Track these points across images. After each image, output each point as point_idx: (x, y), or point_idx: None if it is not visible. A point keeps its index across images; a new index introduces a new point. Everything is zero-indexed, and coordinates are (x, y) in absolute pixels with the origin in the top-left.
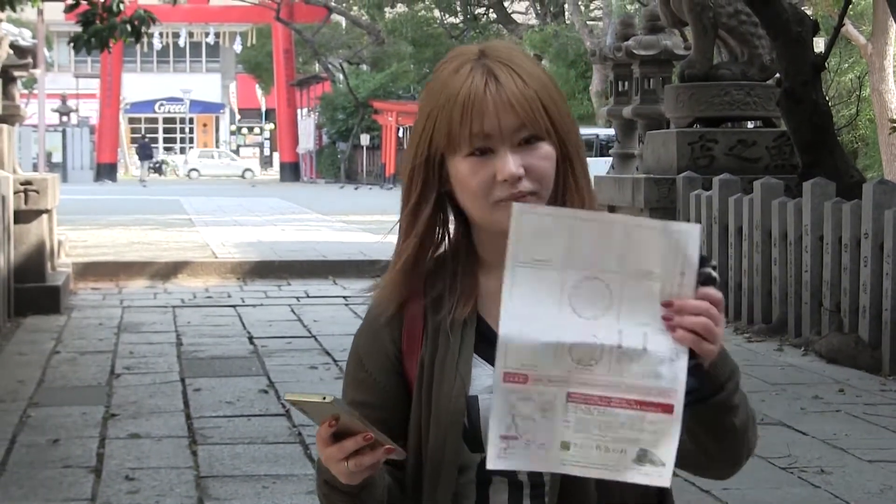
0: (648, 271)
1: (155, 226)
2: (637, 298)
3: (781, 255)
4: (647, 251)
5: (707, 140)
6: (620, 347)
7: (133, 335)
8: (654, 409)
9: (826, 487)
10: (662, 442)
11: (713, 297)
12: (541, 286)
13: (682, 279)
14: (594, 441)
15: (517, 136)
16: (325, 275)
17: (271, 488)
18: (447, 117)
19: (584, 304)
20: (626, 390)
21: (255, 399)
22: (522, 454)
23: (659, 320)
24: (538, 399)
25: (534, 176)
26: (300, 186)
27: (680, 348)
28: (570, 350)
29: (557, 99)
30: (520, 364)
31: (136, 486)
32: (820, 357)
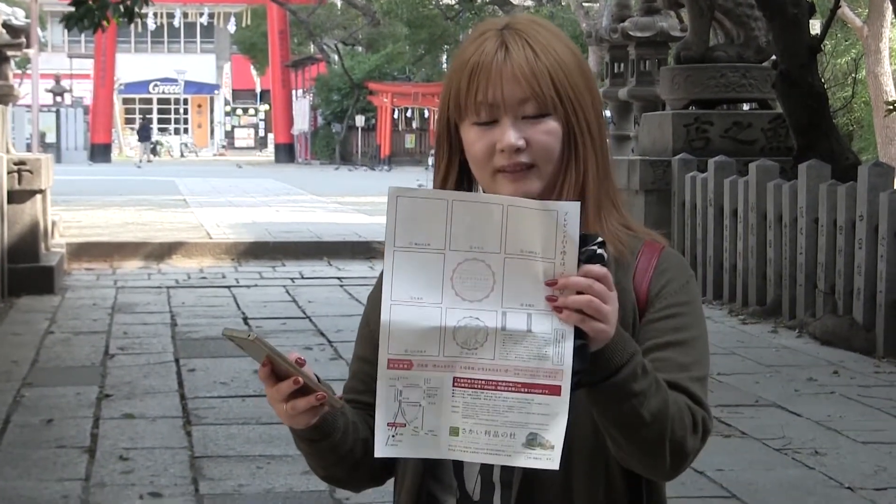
0: (530, 251)
1: (149, 206)
2: (519, 278)
3: (776, 237)
4: (527, 231)
5: (703, 122)
6: (504, 329)
7: (127, 316)
8: (541, 392)
9: (820, 469)
10: (551, 424)
11: (596, 273)
12: (422, 270)
13: (563, 258)
14: (483, 426)
15: (522, 108)
16: (319, 256)
17: (265, 468)
18: (456, 85)
19: (467, 286)
20: (513, 373)
21: (249, 380)
22: (410, 441)
23: (542, 301)
24: (424, 385)
25: (534, 150)
26: (295, 168)
27: (566, 328)
28: (455, 334)
29: (574, 76)
30: (403, 350)
31: (130, 467)
32: (814, 339)
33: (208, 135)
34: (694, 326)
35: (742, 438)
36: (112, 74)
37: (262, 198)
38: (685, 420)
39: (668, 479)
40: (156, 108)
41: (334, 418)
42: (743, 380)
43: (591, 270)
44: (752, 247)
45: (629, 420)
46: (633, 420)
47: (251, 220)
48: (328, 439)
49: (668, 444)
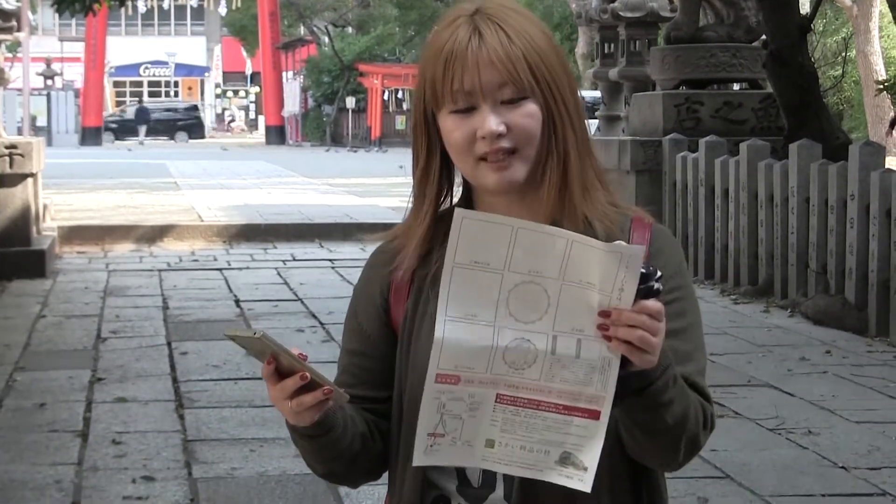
0: (588, 282)
1: (141, 189)
2: (574, 305)
3: (768, 216)
4: (588, 265)
5: (693, 102)
6: (554, 353)
7: (119, 299)
8: (580, 415)
9: (814, 448)
10: (586, 447)
11: (650, 309)
12: (479, 288)
13: (620, 294)
14: (519, 441)
15: (500, 93)
16: (311, 238)
17: (258, 451)
18: (431, 73)
19: (522, 307)
20: (556, 395)
21: (241, 363)
22: (447, 451)
23: (593, 327)
24: (468, 399)
25: (515, 134)
26: (286, 149)
27: (613, 357)
28: (504, 354)
29: (549, 57)
30: (454, 366)
31: (123, 450)
32: (806, 318)
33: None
34: (691, 311)
35: (735, 419)
36: (103, 57)
37: (253, 180)
38: (699, 418)
39: (675, 469)
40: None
41: (334, 413)
42: (735, 360)
43: (646, 307)
44: (744, 226)
45: (653, 425)
46: (657, 425)
47: (242, 202)
48: (329, 434)
49: (685, 442)
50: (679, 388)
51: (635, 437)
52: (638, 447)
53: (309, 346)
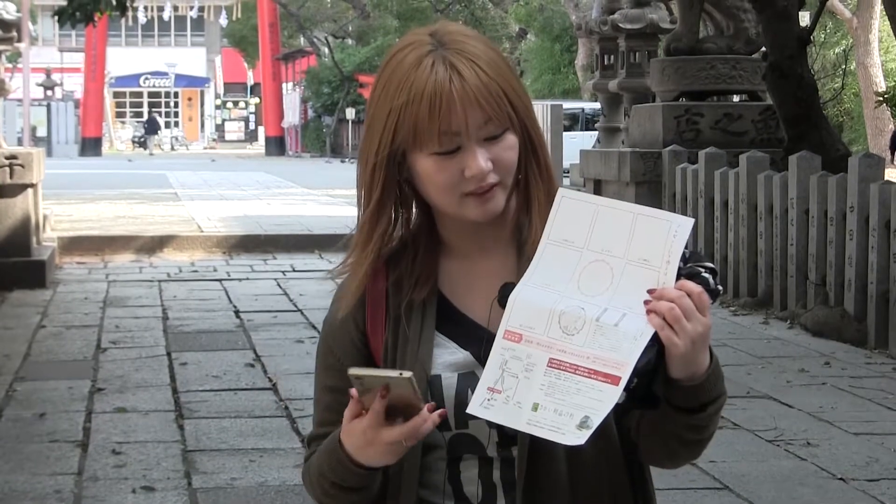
0: (645, 259)
1: (141, 200)
2: (631, 284)
3: (767, 228)
4: (647, 239)
5: (693, 114)
6: (598, 321)
7: (119, 309)
8: (603, 379)
9: (812, 460)
10: (601, 409)
11: (689, 288)
12: (562, 264)
13: (666, 267)
14: (554, 404)
15: (483, 130)
16: (310, 249)
17: (258, 462)
18: (413, 114)
19: (588, 283)
20: (592, 360)
21: (241, 373)
22: (500, 408)
23: (640, 306)
24: (525, 360)
25: (500, 167)
26: (285, 161)
27: (647, 329)
28: (560, 317)
29: (516, 84)
30: (519, 323)
31: (123, 461)
32: (805, 330)
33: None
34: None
35: (734, 430)
36: (102, 68)
37: (252, 191)
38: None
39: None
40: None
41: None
42: (734, 371)
43: (685, 285)
44: (743, 238)
45: (690, 440)
46: (693, 440)
47: (242, 213)
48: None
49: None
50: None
51: (668, 445)
52: (665, 452)
53: (308, 358)
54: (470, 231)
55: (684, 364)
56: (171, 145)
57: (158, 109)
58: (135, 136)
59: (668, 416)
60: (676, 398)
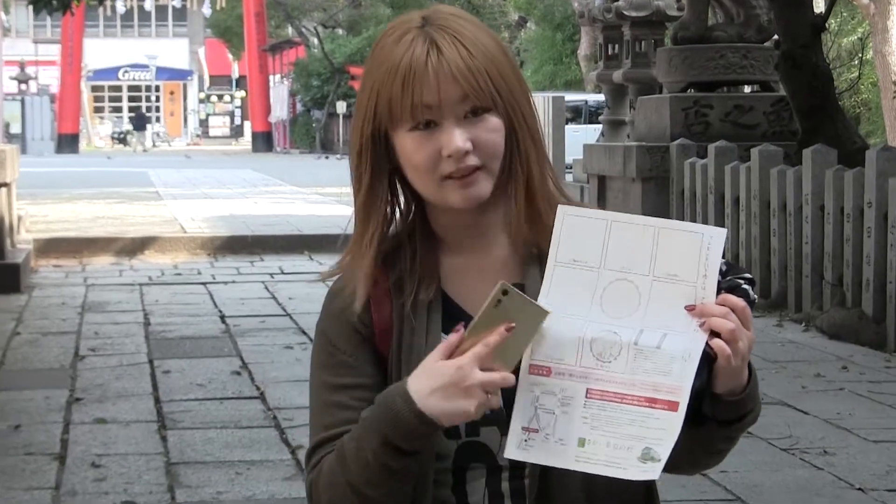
0: (674, 274)
1: (120, 199)
2: (663, 301)
3: (781, 226)
4: (675, 254)
5: (702, 106)
6: (637, 344)
7: (98, 315)
8: (661, 406)
9: (829, 469)
10: (665, 439)
11: (733, 303)
12: (576, 286)
13: (704, 282)
14: (605, 437)
15: (461, 107)
16: (300, 250)
17: (245, 474)
18: (388, 90)
19: (614, 304)
20: (639, 387)
21: (227, 381)
22: (541, 447)
23: (680, 323)
24: (560, 394)
25: (482, 150)
26: (273, 157)
27: (694, 349)
28: (592, 344)
29: (506, 68)
30: (545, 356)
31: (103, 474)
32: (822, 333)
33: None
34: None
35: (746, 438)
36: (80, 60)
37: (238, 189)
38: None
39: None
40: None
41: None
42: None
43: (729, 299)
44: (756, 236)
45: (723, 450)
46: (724, 450)
47: (228, 212)
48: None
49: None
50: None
51: (694, 454)
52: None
53: (298, 365)
54: (461, 223)
55: (729, 380)
56: (152, 142)
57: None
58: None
59: (708, 429)
60: (718, 412)
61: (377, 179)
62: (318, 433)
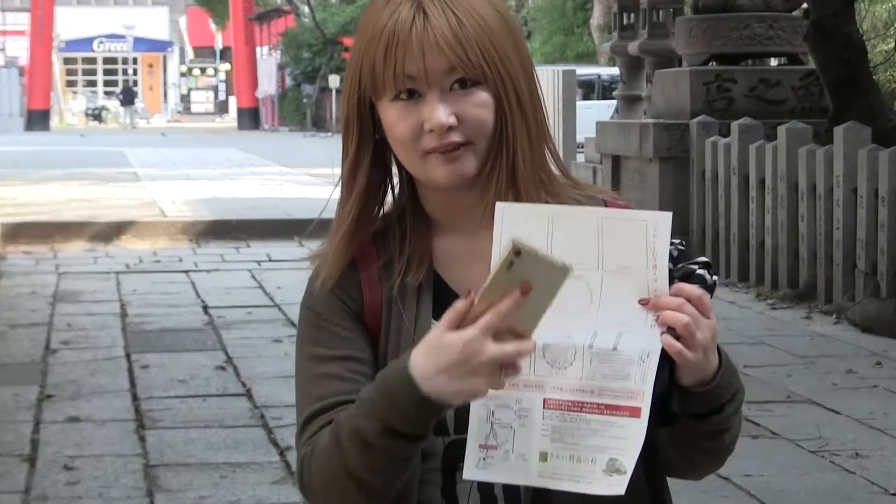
0: (623, 266)
1: (95, 181)
2: (615, 298)
3: (810, 210)
4: (622, 244)
5: (724, 80)
6: (592, 348)
7: (71, 305)
8: (622, 413)
9: (862, 473)
10: (629, 448)
11: (688, 293)
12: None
13: (654, 272)
14: (568, 451)
15: (447, 79)
16: (289, 235)
17: (231, 477)
18: (371, 57)
19: (565, 305)
20: (598, 394)
21: (210, 377)
22: (501, 466)
23: (635, 320)
24: (515, 406)
25: (467, 125)
26: (260, 135)
27: (652, 348)
28: (544, 351)
29: (502, 39)
30: None
31: (76, 477)
32: (854, 325)
33: (161, 99)
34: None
35: (772, 439)
36: (51, 30)
37: (223, 170)
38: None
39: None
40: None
41: None
42: (773, 373)
43: (683, 289)
44: (783, 221)
45: (712, 447)
46: (718, 447)
47: (211, 195)
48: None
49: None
50: (740, 409)
51: (688, 455)
52: (686, 464)
53: (287, 359)
54: (448, 202)
55: (694, 372)
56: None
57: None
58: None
59: (684, 428)
60: (690, 406)
61: (362, 150)
62: (309, 405)
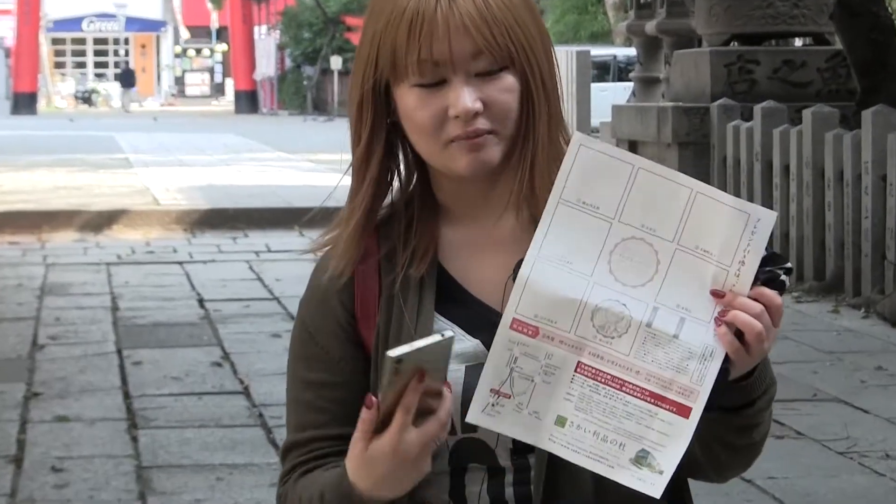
0: (705, 250)
1: (85, 167)
2: (685, 276)
3: (836, 198)
4: (710, 226)
5: (746, 61)
6: (650, 326)
7: (59, 298)
8: (669, 407)
9: (892, 475)
10: (669, 446)
11: (771, 301)
12: (582, 233)
13: (740, 268)
14: (593, 425)
15: (474, 64)
16: (289, 225)
17: (227, 480)
18: (392, 39)
19: (625, 266)
20: (645, 378)
21: (206, 374)
22: (510, 417)
23: (702, 308)
24: (544, 360)
25: (493, 112)
26: (258, 119)
27: (717, 346)
28: (594, 313)
29: (526, 19)
30: (534, 314)
31: (65, 479)
32: (883, 320)
33: (154, 81)
34: None
35: (798, 440)
36: (38, 9)
37: (219, 156)
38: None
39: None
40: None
41: None
42: (798, 369)
43: (766, 295)
44: (808, 210)
45: (745, 446)
46: (746, 442)
47: (207, 182)
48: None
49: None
50: (771, 404)
51: (713, 452)
52: (710, 463)
53: (286, 355)
54: (467, 191)
55: (738, 370)
56: (121, 102)
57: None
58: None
59: (712, 420)
60: (722, 399)
61: (375, 136)
62: (290, 431)
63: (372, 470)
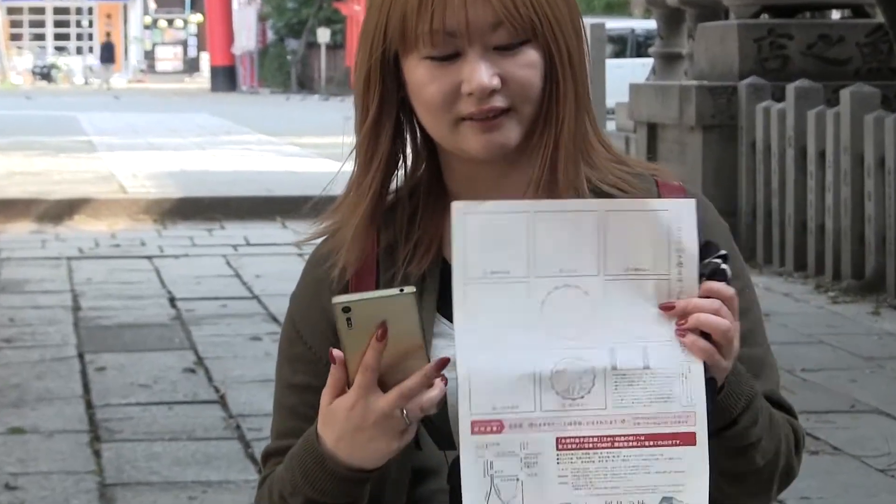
0: (636, 268)
1: (44, 151)
2: (626, 305)
3: (877, 187)
4: (634, 242)
5: (778, 35)
6: (616, 369)
7: (14, 296)
8: (670, 442)
9: None
10: (689, 482)
11: (722, 294)
12: (503, 305)
13: (680, 271)
14: (601, 497)
15: (492, 36)
16: (270, 215)
17: (200, 498)
18: (402, 6)
19: (561, 319)
20: (632, 423)
21: (178, 381)
22: None
23: (658, 329)
24: (521, 452)
25: (512, 89)
26: (237, 98)
27: (691, 359)
28: (552, 380)
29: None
30: (491, 406)
31: (20, 497)
32: None
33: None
34: (754, 301)
35: (834, 455)
36: None
37: (193, 139)
38: (790, 445)
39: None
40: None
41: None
42: (835, 377)
43: (716, 290)
44: (846, 200)
45: (740, 469)
46: (745, 468)
47: (179, 168)
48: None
49: (778, 477)
50: (766, 418)
51: (717, 485)
52: (722, 495)
53: (267, 360)
54: (481, 176)
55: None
56: (84, 78)
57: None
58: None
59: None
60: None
61: (385, 113)
62: (272, 437)
63: (331, 427)
